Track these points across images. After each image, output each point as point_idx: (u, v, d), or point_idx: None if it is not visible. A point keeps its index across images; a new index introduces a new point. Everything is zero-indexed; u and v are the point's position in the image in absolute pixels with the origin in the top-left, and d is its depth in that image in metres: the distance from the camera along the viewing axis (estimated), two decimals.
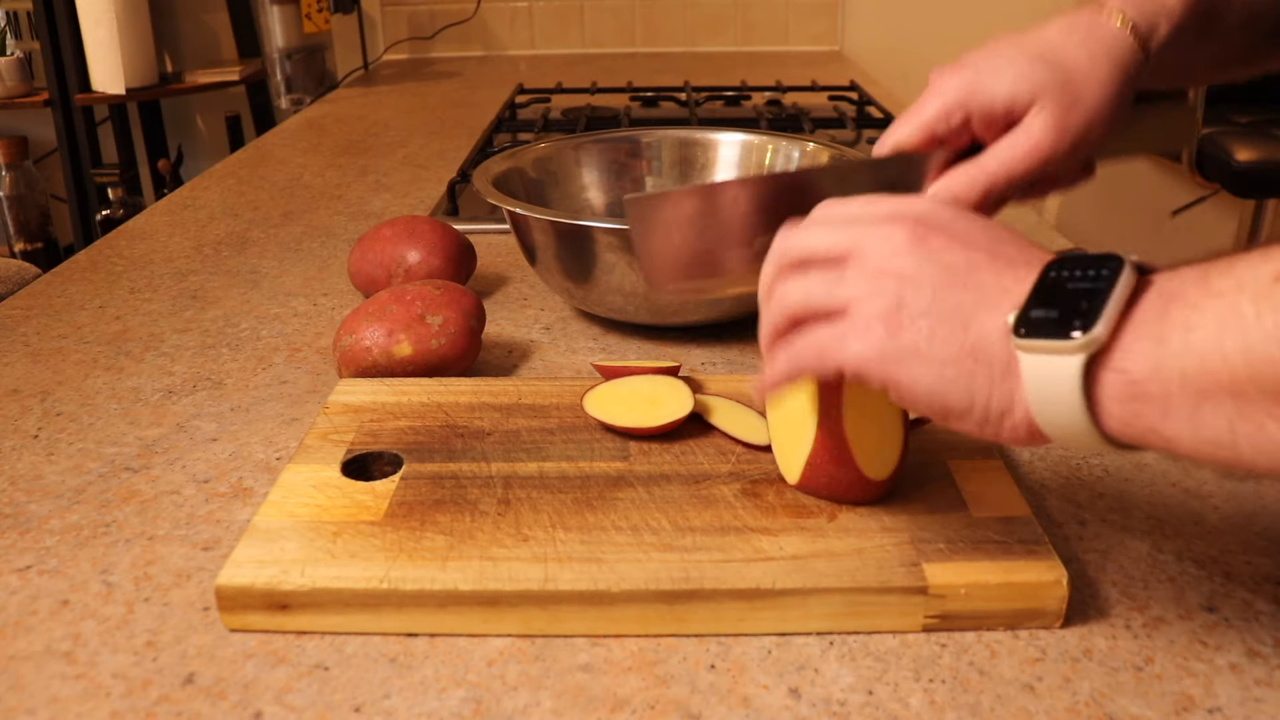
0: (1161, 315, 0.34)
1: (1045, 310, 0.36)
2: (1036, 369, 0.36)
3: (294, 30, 1.71)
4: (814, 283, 0.41)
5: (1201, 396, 0.33)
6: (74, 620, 0.45)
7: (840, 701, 0.40)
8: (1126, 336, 0.35)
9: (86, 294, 0.83)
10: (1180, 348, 0.33)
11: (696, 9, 2.09)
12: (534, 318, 0.78)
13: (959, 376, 0.38)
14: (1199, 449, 0.34)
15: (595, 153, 0.86)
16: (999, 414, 0.38)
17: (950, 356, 0.38)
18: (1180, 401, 0.33)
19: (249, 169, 1.24)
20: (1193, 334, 0.33)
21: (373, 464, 0.53)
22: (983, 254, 0.39)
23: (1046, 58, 0.52)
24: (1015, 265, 0.39)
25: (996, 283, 0.38)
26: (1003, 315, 0.37)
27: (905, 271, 0.39)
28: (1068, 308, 0.35)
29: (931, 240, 0.40)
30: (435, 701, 0.40)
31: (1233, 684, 0.41)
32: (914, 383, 0.38)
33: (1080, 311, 0.35)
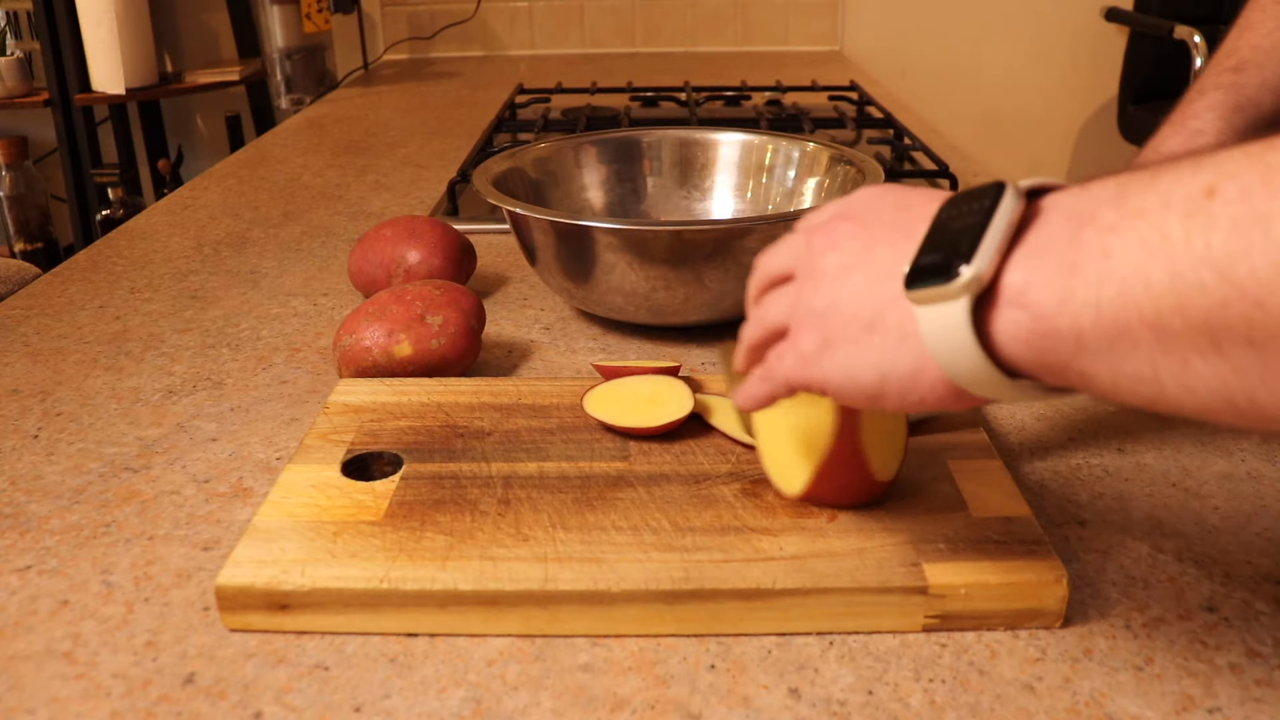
0: (1071, 240, 0.31)
1: (930, 255, 0.34)
2: (929, 321, 0.34)
3: (294, 30, 1.71)
4: (765, 308, 0.43)
5: (1119, 330, 0.29)
6: (74, 620, 0.45)
7: (840, 701, 0.40)
8: (1023, 267, 0.32)
9: (86, 294, 0.83)
10: (1095, 275, 0.29)
11: (696, 9, 2.09)
12: (534, 318, 0.78)
13: (863, 354, 0.37)
14: (1118, 385, 0.30)
15: (595, 153, 0.86)
16: (910, 379, 0.36)
17: (853, 336, 0.37)
18: (1095, 336, 0.30)
19: (249, 169, 1.24)
20: (1111, 260, 0.29)
21: (373, 464, 0.53)
22: (882, 228, 0.38)
23: None
24: (913, 225, 0.37)
25: (891, 250, 0.37)
26: (897, 280, 0.36)
27: (817, 272, 0.39)
28: (950, 248, 0.33)
29: (837, 231, 0.40)
30: (435, 701, 0.40)
31: (1233, 684, 0.41)
32: (830, 376, 0.38)
33: (960, 250, 0.33)
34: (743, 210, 0.85)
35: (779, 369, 0.41)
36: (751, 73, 1.78)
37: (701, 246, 0.66)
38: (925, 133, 1.32)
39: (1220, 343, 0.27)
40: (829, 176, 0.80)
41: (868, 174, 0.74)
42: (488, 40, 2.10)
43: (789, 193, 0.83)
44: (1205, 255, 0.27)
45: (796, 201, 0.82)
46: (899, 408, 0.37)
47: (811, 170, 0.82)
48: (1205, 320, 0.27)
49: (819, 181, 0.81)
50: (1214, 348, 0.27)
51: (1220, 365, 0.28)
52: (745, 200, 0.85)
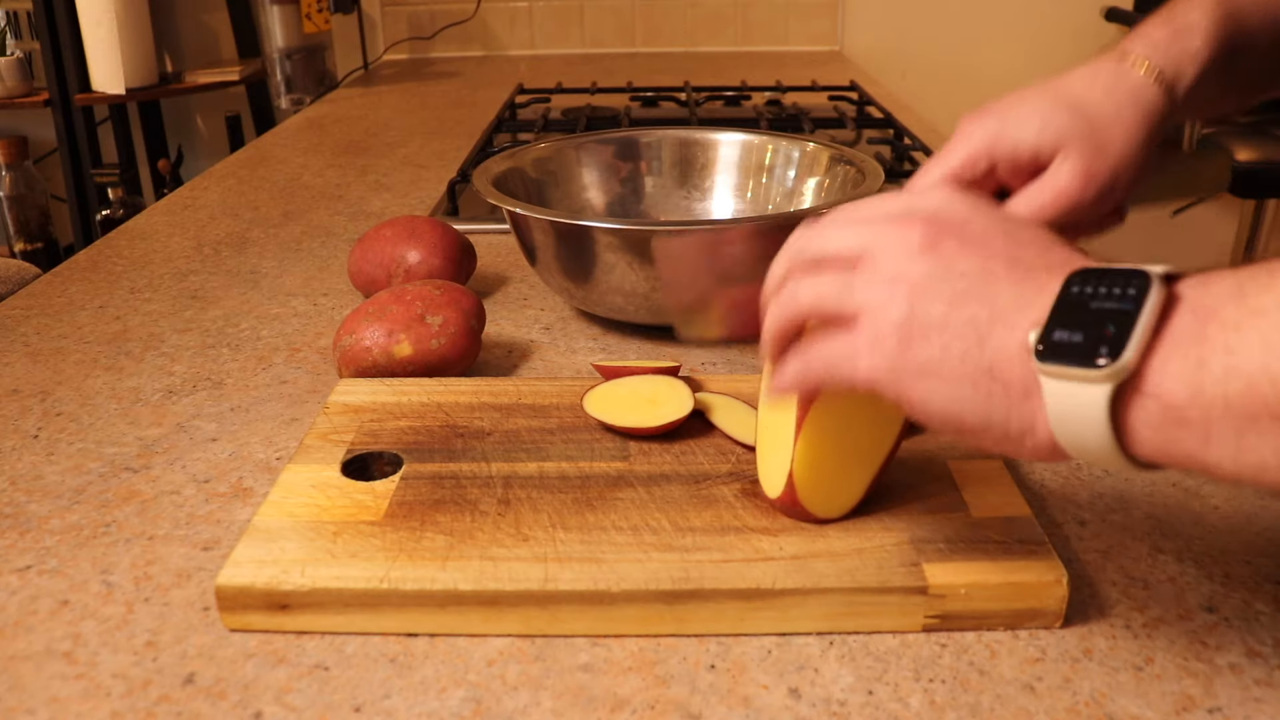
0: (1198, 336, 0.32)
1: (1069, 333, 0.34)
2: (1060, 394, 0.34)
3: (294, 30, 1.71)
4: (825, 285, 0.40)
5: (1247, 422, 0.31)
6: (74, 620, 0.45)
7: (840, 701, 0.40)
8: (1159, 359, 0.33)
9: (86, 294, 0.83)
10: (1222, 372, 0.31)
11: (696, 9, 2.09)
12: (534, 318, 0.78)
13: (975, 395, 0.36)
14: (1241, 473, 0.32)
15: (595, 153, 0.86)
16: (1019, 434, 0.36)
17: (966, 374, 0.36)
18: (1223, 428, 0.31)
19: (249, 169, 1.24)
20: (1235, 357, 0.31)
21: (373, 464, 0.53)
22: (999, 261, 0.37)
23: (1073, 105, 0.52)
24: (1035, 273, 0.37)
25: (1015, 294, 0.36)
26: (1022, 332, 0.35)
27: (918, 280, 0.38)
28: (1093, 331, 0.33)
29: (945, 244, 0.38)
30: (435, 701, 0.40)
31: (1233, 684, 0.41)
32: (927, 400, 0.37)
33: (1107, 337, 0.33)
34: (743, 210, 0.85)
35: (849, 367, 0.39)
36: (751, 73, 1.78)
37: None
38: (925, 133, 1.32)
39: None
40: (829, 176, 0.80)
41: (868, 174, 0.74)
42: (488, 40, 2.10)
43: (789, 193, 0.83)
44: None
45: (796, 201, 0.82)
46: (987, 447, 0.37)
47: (811, 170, 0.82)
48: None
49: (819, 181, 0.81)
50: None
51: None
52: (745, 200, 0.85)
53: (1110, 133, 0.52)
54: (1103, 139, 0.52)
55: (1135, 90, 0.53)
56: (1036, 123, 0.52)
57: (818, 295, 0.40)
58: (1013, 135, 0.52)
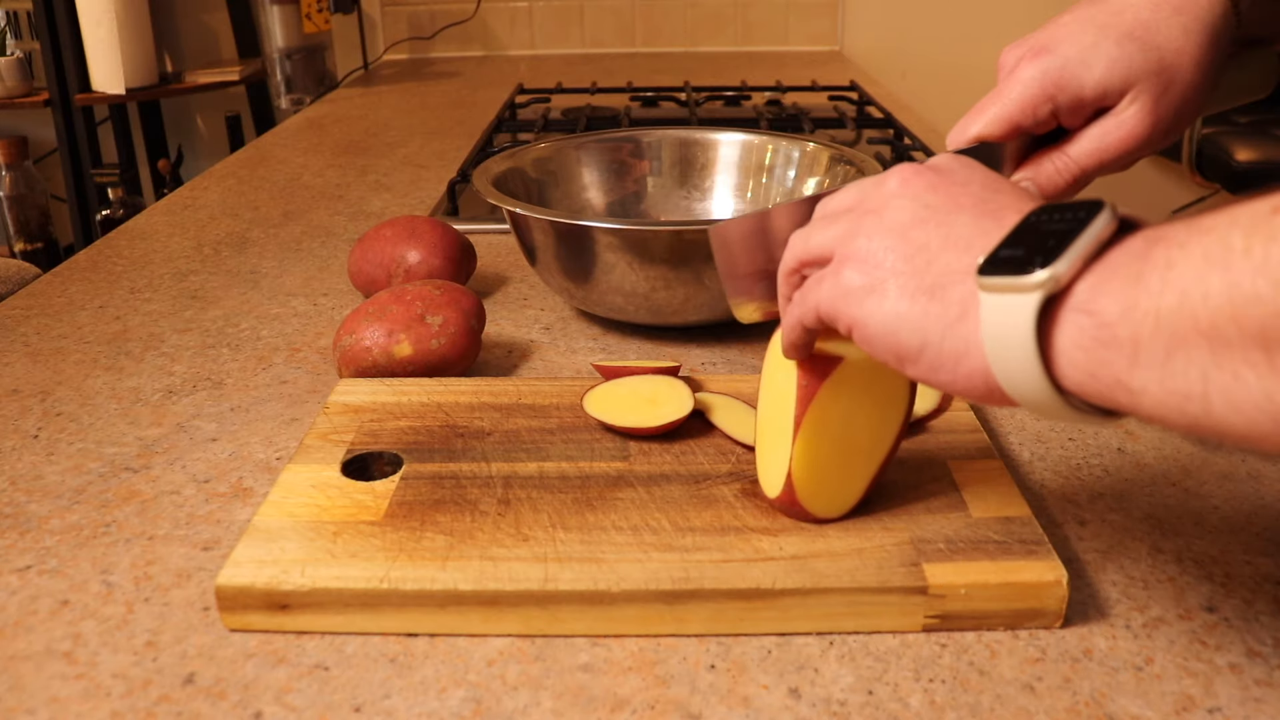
0: (1142, 255, 0.31)
1: (1013, 249, 0.34)
2: (992, 309, 0.34)
3: (294, 30, 1.71)
4: (811, 233, 0.42)
5: (1175, 340, 0.29)
6: (74, 620, 0.45)
7: (840, 701, 0.40)
8: (1096, 276, 0.32)
9: (86, 294, 0.83)
10: (1158, 285, 0.30)
11: (696, 9, 2.09)
12: (534, 318, 0.78)
13: (911, 313, 0.36)
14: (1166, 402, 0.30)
15: (595, 153, 0.86)
16: (953, 358, 0.35)
17: (906, 292, 0.36)
18: (1151, 346, 0.30)
19: (249, 169, 1.24)
20: (1173, 270, 0.30)
21: (373, 464, 0.53)
22: (969, 198, 0.38)
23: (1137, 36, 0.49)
24: (1001, 212, 0.37)
25: (973, 225, 0.37)
26: (971, 257, 0.36)
27: (885, 213, 0.39)
28: (1034, 246, 0.33)
29: (918, 181, 0.39)
30: (435, 701, 0.40)
31: (1233, 684, 0.41)
32: (867, 320, 0.37)
33: (1046, 249, 0.33)
34: (743, 210, 0.85)
35: (812, 294, 0.40)
36: (751, 73, 1.78)
37: (701, 246, 0.66)
38: (925, 133, 1.32)
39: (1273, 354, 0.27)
40: (829, 176, 0.80)
41: (867, 174, 0.74)
42: (488, 40, 2.10)
43: (789, 193, 0.83)
44: (1263, 265, 0.27)
45: None
46: (922, 379, 0.37)
47: (811, 170, 0.82)
48: (1260, 330, 0.27)
49: (819, 181, 0.81)
50: (1266, 359, 0.28)
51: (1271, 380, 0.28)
52: (745, 200, 0.85)
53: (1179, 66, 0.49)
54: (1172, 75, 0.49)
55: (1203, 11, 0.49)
56: (1103, 61, 0.48)
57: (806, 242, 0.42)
58: (1075, 78, 0.48)
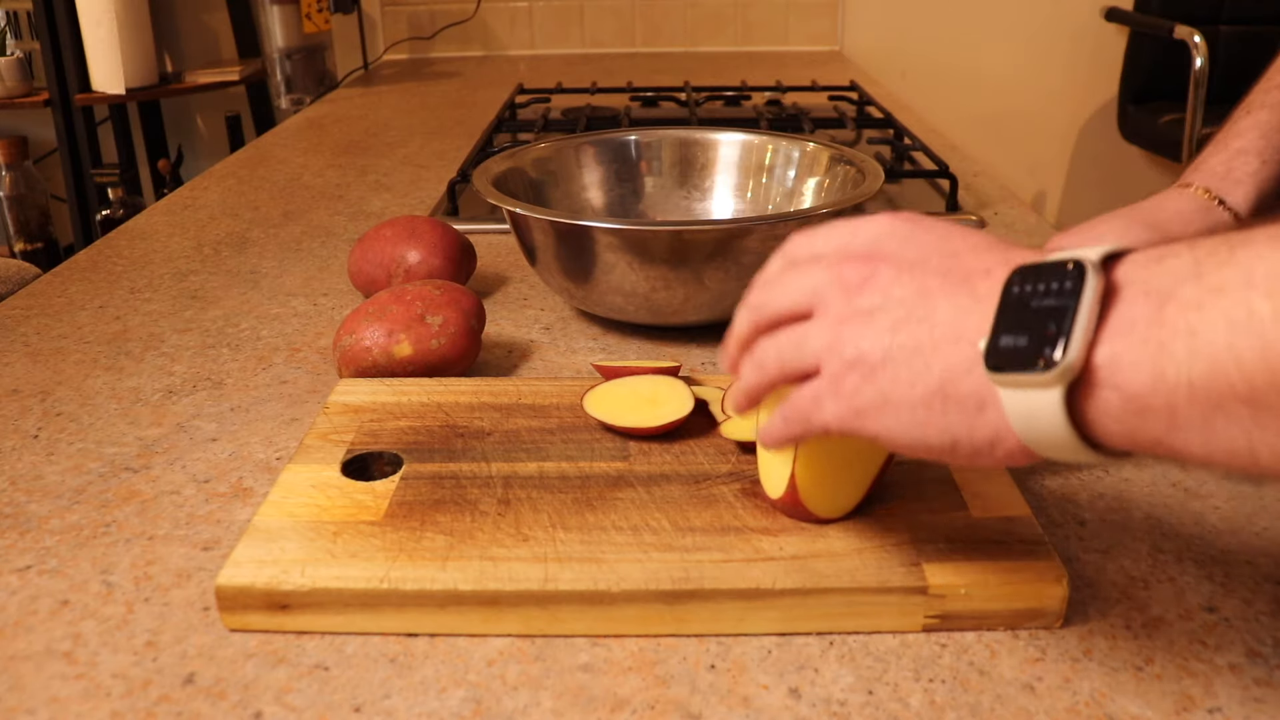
0: (1156, 319, 0.31)
1: (1013, 337, 0.33)
2: (1015, 401, 0.34)
3: (294, 30, 1.71)
4: (784, 345, 0.41)
5: (1213, 407, 0.30)
6: (74, 620, 0.45)
7: (840, 701, 0.40)
8: (1110, 345, 0.31)
9: (86, 294, 0.83)
10: (1185, 354, 0.30)
11: (696, 9, 2.09)
12: (534, 318, 0.78)
13: (932, 418, 0.36)
14: (1212, 458, 0.31)
15: (595, 153, 0.86)
16: (987, 445, 0.35)
17: (920, 399, 0.36)
18: (1188, 413, 0.30)
19: (249, 169, 1.24)
20: (1198, 338, 0.29)
21: (373, 464, 0.53)
22: (934, 277, 0.37)
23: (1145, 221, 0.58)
24: (971, 280, 0.36)
25: (952, 308, 0.36)
26: (968, 345, 0.35)
27: (860, 317, 0.38)
28: (1036, 332, 0.33)
29: (880, 276, 0.38)
30: (435, 701, 0.40)
31: (1233, 684, 0.41)
32: (891, 431, 0.37)
33: (1049, 337, 0.32)
34: (743, 210, 0.85)
35: (818, 414, 0.39)
36: (751, 73, 1.78)
37: (701, 246, 0.66)
38: (925, 133, 1.32)
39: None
40: (829, 176, 0.80)
41: (867, 174, 0.74)
42: (488, 40, 2.10)
43: (789, 193, 0.83)
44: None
45: (797, 201, 0.82)
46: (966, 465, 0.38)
47: (811, 170, 0.82)
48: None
49: (819, 181, 0.81)
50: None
51: None
52: (745, 200, 0.85)
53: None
54: None
55: (1200, 210, 0.59)
56: (1112, 236, 0.57)
57: (780, 358, 0.41)
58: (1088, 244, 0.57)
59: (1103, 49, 2.20)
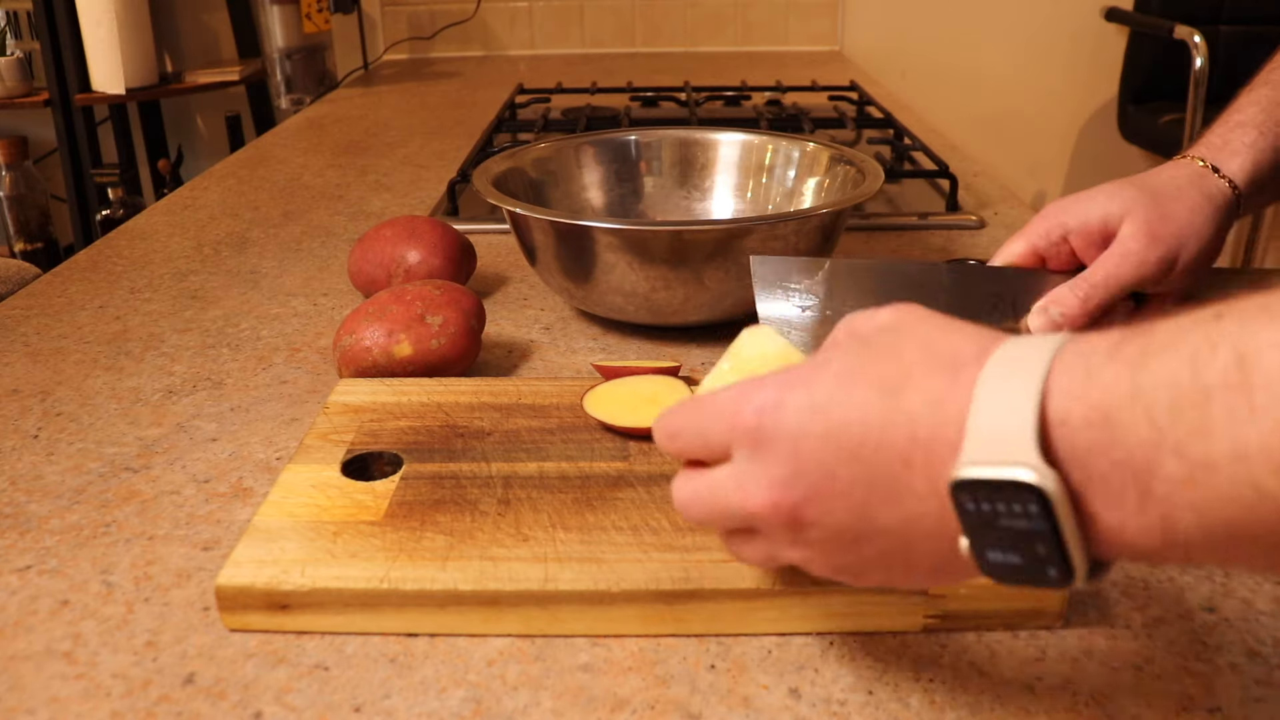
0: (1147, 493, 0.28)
1: (1002, 554, 0.31)
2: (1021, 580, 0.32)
3: (294, 30, 1.71)
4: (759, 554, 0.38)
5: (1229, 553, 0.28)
6: (74, 620, 0.45)
7: (840, 701, 0.40)
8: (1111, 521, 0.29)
9: (86, 294, 0.83)
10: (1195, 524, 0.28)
11: (696, 9, 2.09)
12: (534, 318, 0.78)
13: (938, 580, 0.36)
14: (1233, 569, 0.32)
15: (595, 153, 0.86)
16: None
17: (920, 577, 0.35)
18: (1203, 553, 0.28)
19: (249, 169, 1.24)
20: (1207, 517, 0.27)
21: (373, 464, 0.53)
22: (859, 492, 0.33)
23: (1137, 184, 0.59)
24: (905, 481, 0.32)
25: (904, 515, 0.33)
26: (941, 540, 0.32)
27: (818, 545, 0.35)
28: (1026, 553, 0.30)
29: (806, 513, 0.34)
30: (435, 701, 0.40)
31: (1233, 684, 0.41)
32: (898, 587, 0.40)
33: (1043, 557, 0.30)
34: (743, 210, 0.85)
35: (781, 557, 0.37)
36: (751, 73, 1.78)
37: (701, 246, 0.66)
38: (925, 133, 1.32)
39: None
40: (829, 176, 0.80)
41: (867, 174, 0.74)
42: (488, 40, 2.10)
43: (789, 193, 0.83)
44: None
45: (797, 201, 0.82)
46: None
47: (811, 170, 0.82)
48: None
49: (819, 181, 0.81)
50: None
51: None
52: (745, 200, 0.85)
53: (1174, 205, 0.58)
54: (1166, 209, 0.58)
55: (1195, 177, 0.59)
56: (1103, 197, 0.59)
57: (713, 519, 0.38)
58: (1083, 207, 0.59)
59: (1103, 49, 2.20)
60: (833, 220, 0.70)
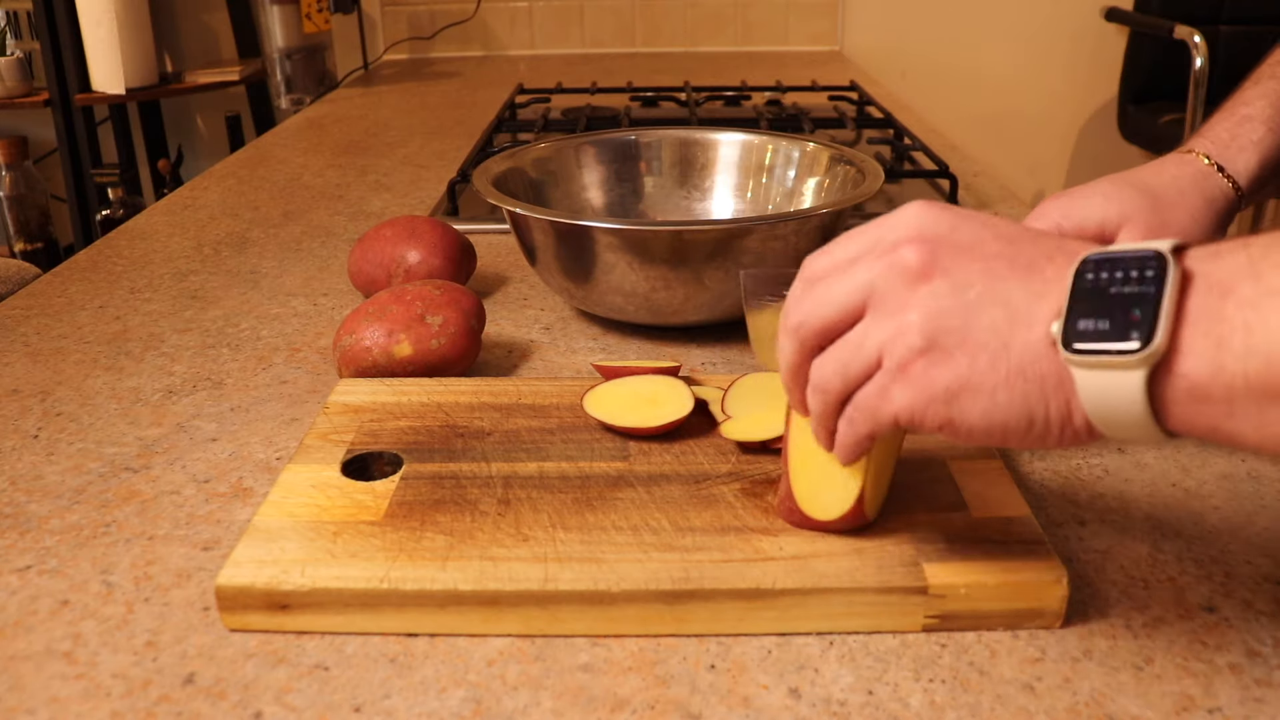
0: (1217, 314, 0.32)
1: (1094, 320, 0.34)
2: (1095, 382, 0.34)
3: (294, 30, 1.71)
4: (843, 353, 0.39)
5: (1267, 397, 0.32)
6: (74, 620, 0.45)
7: (840, 701, 0.40)
8: (1183, 339, 0.33)
9: (86, 294, 0.83)
10: (1242, 350, 0.32)
11: (696, 9, 2.09)
12: (534, 318, 0.78)
13: (1012, 400, 0.36)
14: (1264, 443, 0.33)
15: (595, 153, 0.86)
16: (1059, 425, 0.36)
17: (999, 382, 0.36)
18: (1245, 402, 0.32)
19: (249, 169, 1.24)
20: (1254, 336, 0.32)
21: (373, 464, 0.53)
22: (1000, 262, 0.37)
23: (1138, 186, 0.57)
24: (1038, 267, 0.37)
25: (1025, 291, 0.36)
26: (1042, 326, 0.36)
27: (926, 301, 0.37)
28: (1119, 317, 0.34)
29: (941, 259, 0.37)
30: (435, 701, 0.40)
31: (1233, 684, 0.41)
32: (967, 416, 0.37)
33: (1134, 321, 0.33)
34: (743, 210, 0.85)
35: (887, 406, 0.38)
36: (751, 73, 1.78)
37: (701, 246, 0.66)
38: (925, 133, 1.32)
39: None
40: (829, 176, 0.80)
41: (868, 174, 0.74)
42: (488, 40, 2.10)
43: (789, 193, 0.83)
44: None
45: (796, 201, 0.82)
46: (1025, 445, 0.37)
47: (811, 170, 0.82)
48: None
49: (819, 181, 0.81)
50: None
51: None
52: (745, 200, 0.85)
53: (1173, 212, 0.57)
54: (1165, 216, 0.56)
55: (1198, 177, 0.58)
56: (1101, 199, 0.57)
57: (842, 370, 0.39)
58: (1081, 209, 0.57)
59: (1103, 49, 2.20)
60: (833, 220, 0.70)
